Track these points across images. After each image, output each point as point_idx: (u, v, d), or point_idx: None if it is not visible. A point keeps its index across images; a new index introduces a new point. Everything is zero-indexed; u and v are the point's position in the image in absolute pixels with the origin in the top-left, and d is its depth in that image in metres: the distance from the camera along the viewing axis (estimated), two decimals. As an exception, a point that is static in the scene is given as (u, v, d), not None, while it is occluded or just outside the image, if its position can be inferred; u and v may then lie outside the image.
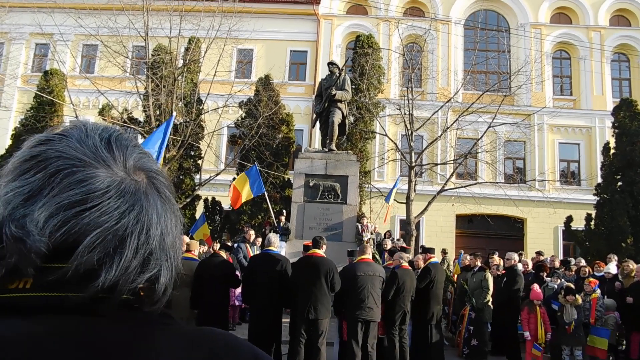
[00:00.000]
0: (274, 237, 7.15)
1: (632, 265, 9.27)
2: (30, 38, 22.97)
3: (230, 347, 0.70)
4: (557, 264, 10.70)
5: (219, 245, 9.59)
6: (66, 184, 0.64)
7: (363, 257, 7.25)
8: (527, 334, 7.87)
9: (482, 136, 15.91)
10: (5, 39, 22.72)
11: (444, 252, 13.33)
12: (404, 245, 10.46)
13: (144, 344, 0.65)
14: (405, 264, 7.71)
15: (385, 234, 13.81)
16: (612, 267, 9.69)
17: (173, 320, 0.72)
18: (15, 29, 20.86)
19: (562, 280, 8.98)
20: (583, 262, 10.66)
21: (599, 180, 17.88)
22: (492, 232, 20.23)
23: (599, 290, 8.48)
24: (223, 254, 7.21)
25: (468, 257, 9.93)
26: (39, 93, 18.01)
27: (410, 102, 15.27)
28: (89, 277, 0.62)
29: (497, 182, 16.52)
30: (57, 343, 0.60)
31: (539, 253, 11.65)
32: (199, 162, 17.41)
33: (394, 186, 14.33)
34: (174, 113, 7.08)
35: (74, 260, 0.61)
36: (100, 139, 0.70)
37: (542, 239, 19.98)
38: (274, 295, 6.66)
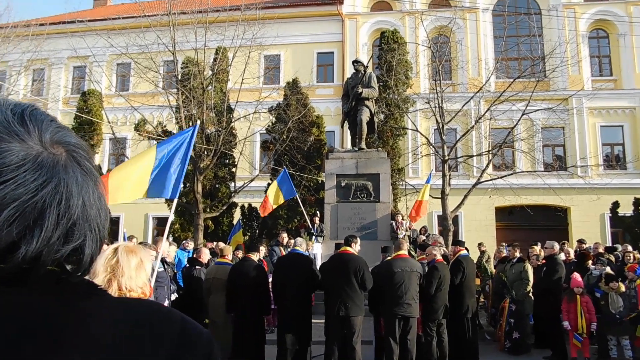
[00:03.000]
0: (300, 239, 7.43)
1: (682, 248, 8.77)
2: (68, 62, 24.06)
3: (160, 316, 0.71)
4: (601, 250, 10.24)
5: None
6: None
7: (399, 253, 7.18)
8: (566, 323, 7.57)
9: (516, 124, 15.42)
10: (46, 64, 23.86)
11: (480, 245, 13.00)
12: (430, 241, 10.22)
13: (72, 314, 0.66)
14: (440, 258, 7.61)
15: (420, 230, 13.60)
16: (659, 252, 9.22)
17: (102, 291, 0.73)
18: (54, 54, 21.87)
19: (607, 267, 8.59)
20: (629, 248, 10.16)
21: (647, 162, 17.07)
22: (533, 224, 19.54)
23: (644, 276, 8.06)
24: (254, 257, 7.30)
25: (506, 248, 9.65)
26: (78, 114, 18.81)
27: (440, 94, 14.99)
28: (10, 250, 0.61)
29: (535, 171, 15.93)
30: None
31: (580, 241, 11.18)
32: (233, 169, 17.72)
33: (427, 182, 14.10)
34: (198, 122, 7.25)
35: None
36: (13, 114, 0.67)
37: (588, 227, 19.15)
38: (302, 293, 6.72)
